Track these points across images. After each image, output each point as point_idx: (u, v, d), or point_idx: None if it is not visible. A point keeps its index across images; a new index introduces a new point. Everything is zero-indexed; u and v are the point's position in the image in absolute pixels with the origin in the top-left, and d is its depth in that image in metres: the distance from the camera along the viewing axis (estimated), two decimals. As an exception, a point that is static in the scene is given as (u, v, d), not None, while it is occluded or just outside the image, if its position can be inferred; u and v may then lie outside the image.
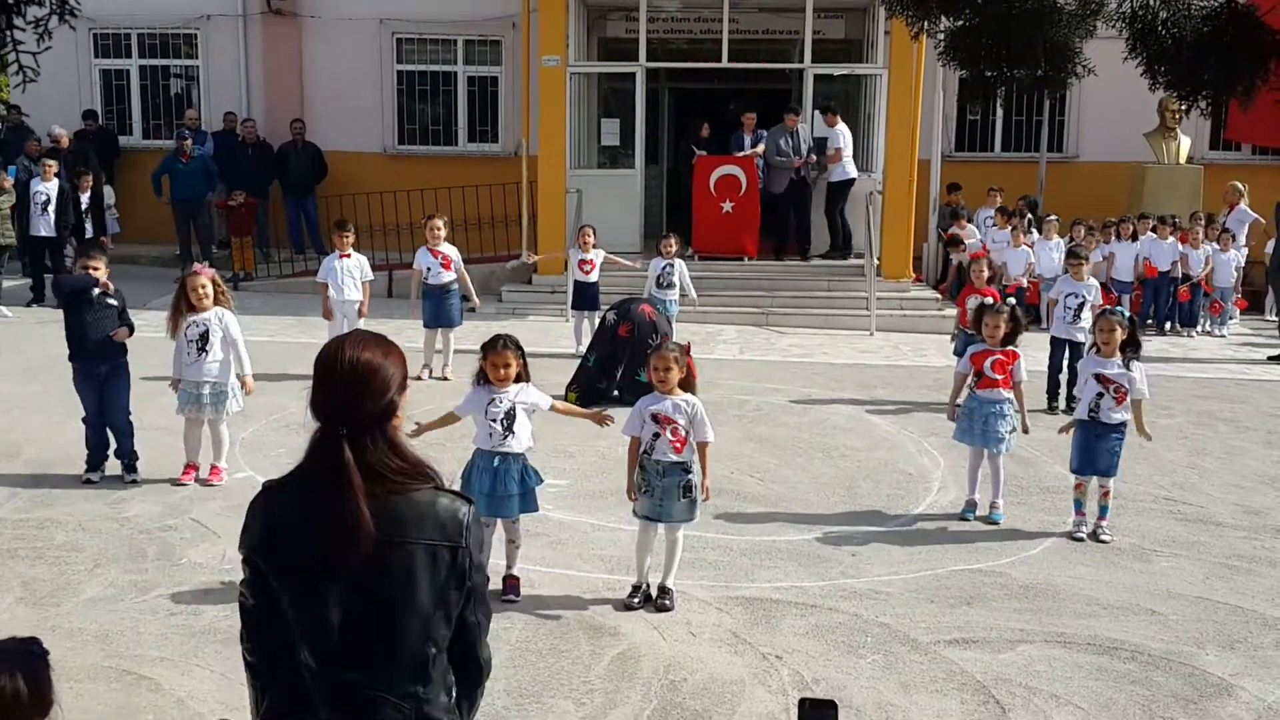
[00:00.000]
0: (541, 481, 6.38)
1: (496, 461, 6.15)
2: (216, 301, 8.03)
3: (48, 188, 14.98)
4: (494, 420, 6.15)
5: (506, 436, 6.14)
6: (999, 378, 7.77)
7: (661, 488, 6.13)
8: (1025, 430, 7.86)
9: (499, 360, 6.17)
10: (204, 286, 7.97)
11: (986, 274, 10.34)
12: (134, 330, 8.14)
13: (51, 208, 14.98)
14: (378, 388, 2.69)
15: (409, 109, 19.18)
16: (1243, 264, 16.60)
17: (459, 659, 2.79)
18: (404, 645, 2.66)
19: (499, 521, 6.24)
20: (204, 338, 7.94)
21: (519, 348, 6.25)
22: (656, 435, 6.12)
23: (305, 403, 2.73)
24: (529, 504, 6.29)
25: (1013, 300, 8.54)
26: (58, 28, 3.37)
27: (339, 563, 2.60)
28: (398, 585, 2.65)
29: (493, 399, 6.18)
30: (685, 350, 6.35)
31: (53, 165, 15.12)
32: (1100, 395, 7.42)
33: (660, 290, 12.43)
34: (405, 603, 2.66)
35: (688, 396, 6.19)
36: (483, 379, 6.25)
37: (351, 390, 2.67)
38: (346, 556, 2.59)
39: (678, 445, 6.11)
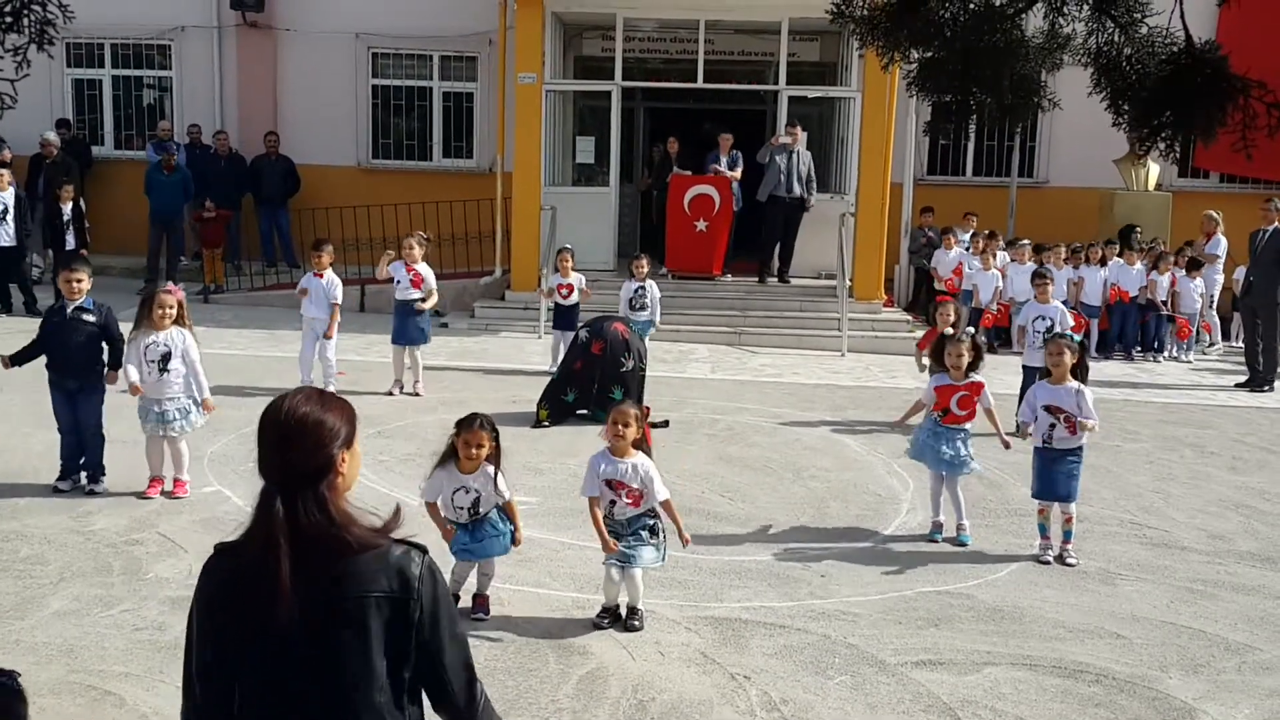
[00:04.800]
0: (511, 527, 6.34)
1: (469, 525, 6.19)
2: (177, 322, 8.01)
3: (3, 197, 14.86)
4: (459, 508, 6.15)
5: (474, 518, 6.16)
6: (964, 413, 7.87)
7: (629, 535, 6.20)
8: (1006, 446, 7.94)
9: (472, 439, 6.04)
10: (170, 306, 7.94)
11: (952, 318, 10.17)
12: (120, 352, 8.09)
13: (10, 217, 14.87)
14: (313, 443, 2.62)
15: (383, 123, 19.17)
16: (1217, 292, 16.82)
17: (438, 708, 2.75)
18: (356, 700, 2.61)
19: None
20: (165, 359, 7.92)
21: (494, 429, 6.14)
22: (613, 502, 6.18)
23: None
24: (506, 545, 6.31)
25: (972, 330, 8.60)
26: (35, 53, 3.37)
27: (271, 623, 2.56)
28: (342, 643, 2.59)
29: (458, 488, 6.12)
30: (645, 414, 6.39)
31: (5, 174, 15.01)
32: (1053, 425, 7.50)
33: (633, 312, 12.40)
34: (352, 660, 2.60)
35: (640, 459, 6.21)
36: (451, 458, 6.12)
37: (286, 444, 2.61)
38: (275, 617, 2.54)
39: (634, 503, 6.19)
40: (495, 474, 6.14)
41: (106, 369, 8.10)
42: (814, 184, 16.12)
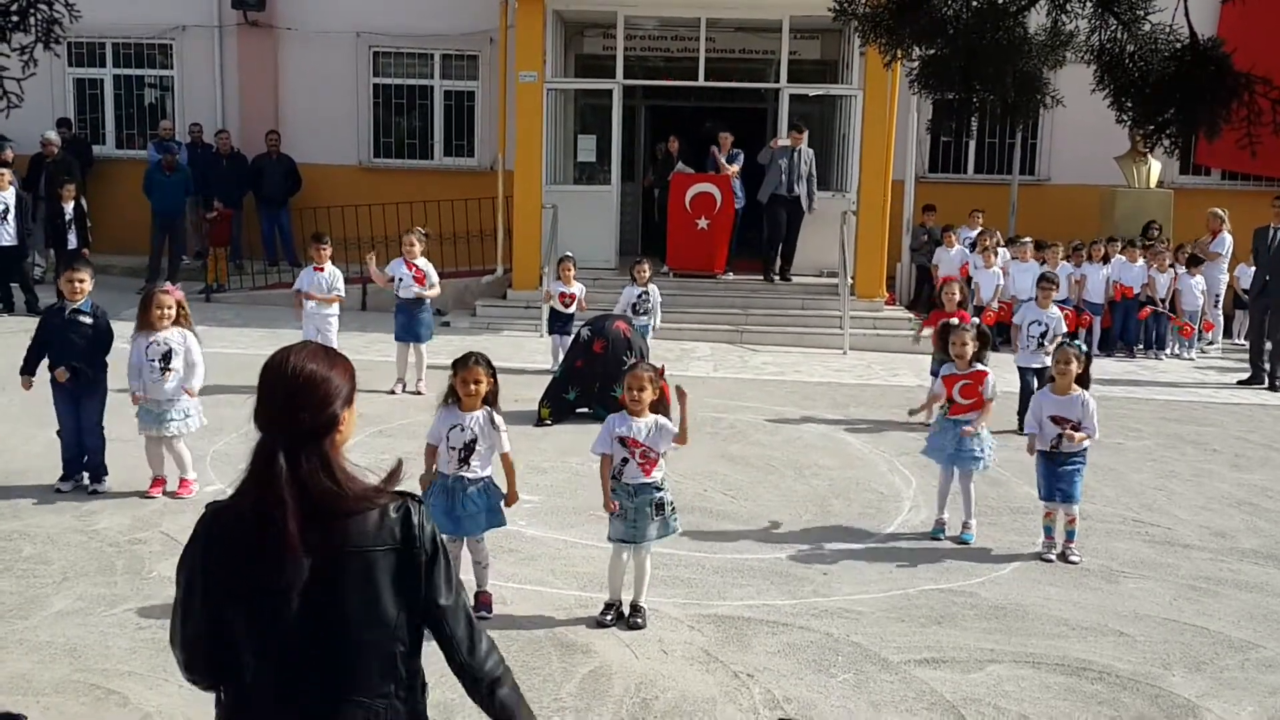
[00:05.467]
0: (503, 498, 6.29)
1: (452, 482, 6.13)
2: (177, 322, 8.01)
3: (4, 197, 14.86)
4: (452, 448, 6.13)
5: (461, 466, 6.14)
6: (968, 402, 7.86)
7: (634, 508, 6.13)
8: (967, 434, 7.78)
9: (469, 376, 6.10)
10: (169, 306, 7.95)
11: (958, 298, 10.43)
12: (104, 353, 8.11)
13: (11, 216, 14.87)
14: (319, 400, 2.64)
15: (385, 122, 19.16)
16: (1222, 290, 16.82)
17: (456, 670, 2.78)
18: (368, 651, 2.64)
19: (464, 542, 6.22)
20: (166, 358, 7.92)
21: (490, 365, 6.20)
22: (625, 460, 6.14)
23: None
24: (494, 520, 6.23)
25: (977, 320, 8.60)
26: (41, 52, 3.37)
27: (279, 579, 2.57)
28: (352, 596, 2.62)
29: (455, 425, 6.13)
30: (659, 372, 6.35)
31: (6, 174, 15.01)
32: (1060, 435, 7.49)
33: (636, 316, 12.34)
34: (363, 612, 2.63)
35: (657, 418, 6.20)
36: (452, 397, 6.19)
37: (292, 400, 2.62)
38: (282, 573, 2.56)
39: (646, 467, 6.14)
40: (492, 414, 6.15)
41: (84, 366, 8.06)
42: (814, 182, 16.06)
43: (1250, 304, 15.33)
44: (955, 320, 9.01)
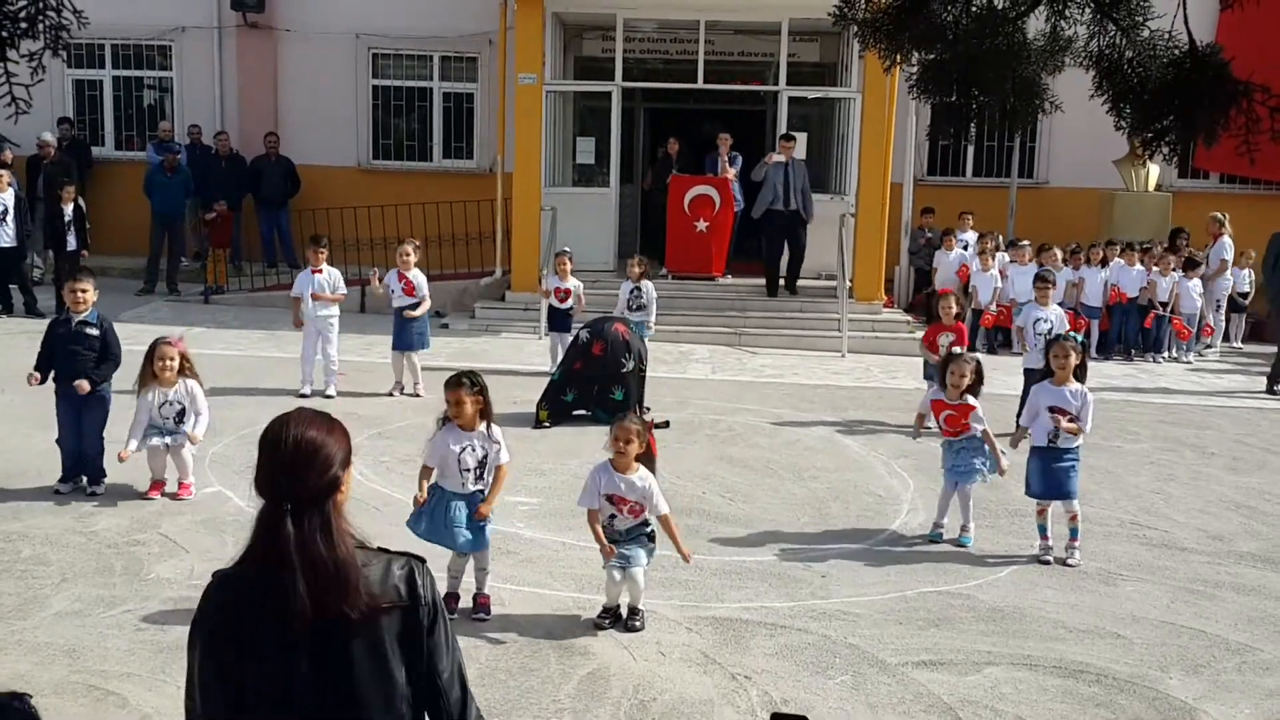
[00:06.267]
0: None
1: (467, 498, 6.21)
2: (181, 372, 8.05)
3: (3, 198, 14.86)
4: (466, 468, 6.17)
5: (477, 482, 6.19)
6: (952, 430, 7.93)
7: (627, 543, 6.22)
8: (1002, 472, 7.91)
9: (457, 395, 6.12)
10: (171, 359, 7.98)
11: (955, 310, 10.43)
12: (113, 368, 8.16)
13: (10, 217, 14.87)
14: (320, 465, 2.69)
15: (384, 124, 19.16)
16: (1224, 297, 16.82)
17: (433, 712, 2.79)
18: (376, 711, 2.67)
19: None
20: (180, 416, 8.06)
21: (481, 384, 6.20)
22: (613, 516, 6.20)
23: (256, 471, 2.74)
24: (484, 539, 6.32)
25: (977, 357, 8.63)
26: (49, 58, 3.38)
27: (284, 643, 2.60)
28: (356, 657, 2.65)
29: (465, 445, 6.16)
30: (648, 427, 6.39)
31: (4, 175, 15.02)
32: (1056, 426, 7.52)
33: (632, 313, 12.35)
34: (367, 672, 2.65)
35: (642, 474, 6.22)
36: (447, 420, 6.23)
37: (293, 469, 2.67)
38: (290, 636, 2.59)
39: (635, 515, 6.22)
40: (489, 428, 6.20)
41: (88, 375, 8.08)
42: (810, 196, 15.85)
43: (1273, 309, 15.19)
44: (959, 349, 9.10)
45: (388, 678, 2.68)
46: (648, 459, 6.29)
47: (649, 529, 6.27)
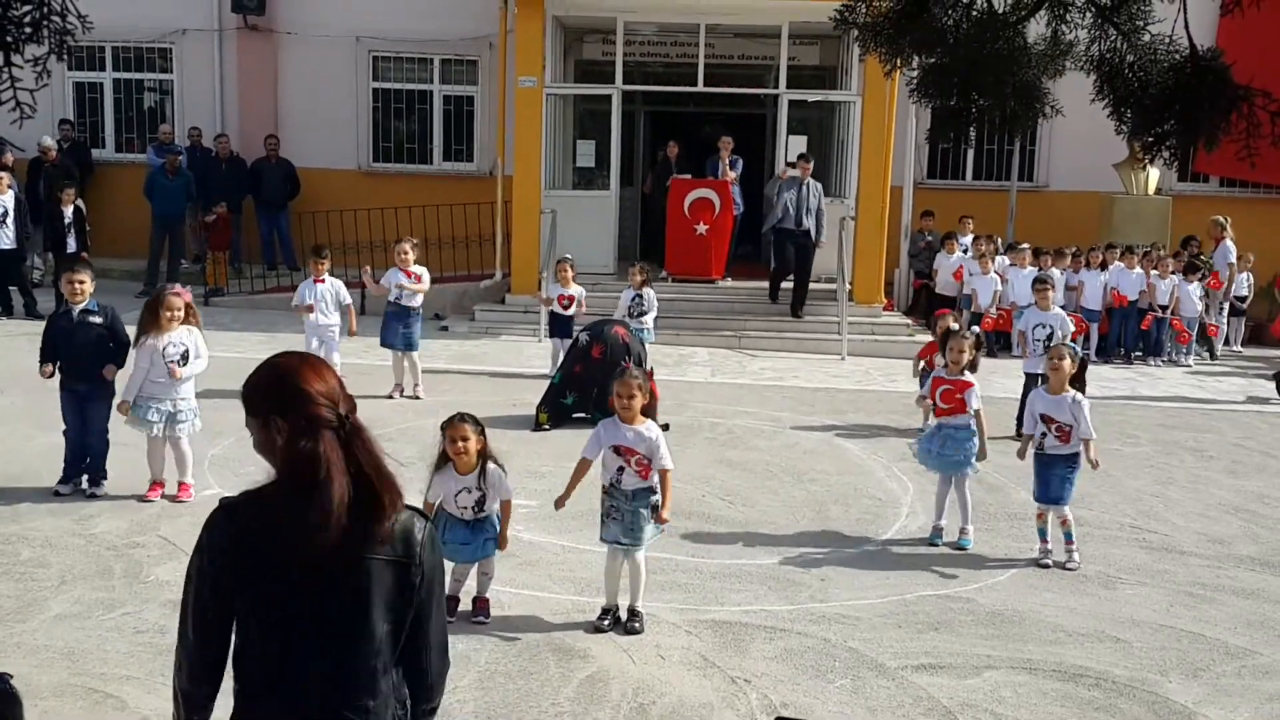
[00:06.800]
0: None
1: (459, 522, 6.20)
2: (185, 321, 8.02)
3: (3, 200, 14.86)
4: (463, 507, 6.16)
5: (477, 514, 6.18)
6: (947, 406, 7.90)
7: (631, 511, 6.16)
8: (982, 455, 7.91)
9: (456, 434, 6.06)
10: (178, 309, 7.95)
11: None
12: (126, 353, 8.13)
13: (10, 219, 14.87)
14: (342, 390, 2.77)
15: (384, 126, 19.17)
16: (1227, 303, 16.85)
17: (409, 672, 2.81)
18: (357, 658, 2.68)
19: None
20: (184, 357, 7.95)
21: (477, 423, 6.16)
22: (621, 469, 6.17)
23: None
24: (491, 547, 6.32)
25: (977, 330, 8.61)
26: (54, 63, 3.39)
27: (308, 571, 2.61)
28: (356, 598, 2.66)
29: (462, 488, 6.13)
30: (648, 375, 6.39)
31: (4, 177, 15.02)
32: (1044, 434, 7.52)
33: (633, 319, 12.34)
34: (359, 616, 2.67)
35: (648, 425, 6.22)
36: (446, 459, 6.15)
37: (341, 388, 2.75)
38: (315, 563, 2.60)
39: (643, 473, 6.18)
40: (489, 466, 6.15)
41: (107, 364, 8.08)
42: (824, 215, 15.68)
43: None
44: (955, 325, 9.05)
45: (365, 627, 2.67)
46: (650, 408, 6.29)
47: (654, 498, 6.19)
